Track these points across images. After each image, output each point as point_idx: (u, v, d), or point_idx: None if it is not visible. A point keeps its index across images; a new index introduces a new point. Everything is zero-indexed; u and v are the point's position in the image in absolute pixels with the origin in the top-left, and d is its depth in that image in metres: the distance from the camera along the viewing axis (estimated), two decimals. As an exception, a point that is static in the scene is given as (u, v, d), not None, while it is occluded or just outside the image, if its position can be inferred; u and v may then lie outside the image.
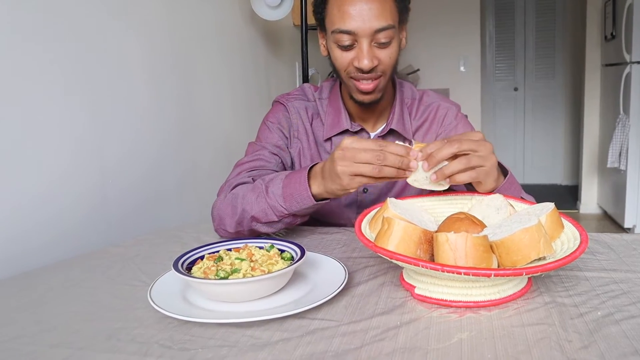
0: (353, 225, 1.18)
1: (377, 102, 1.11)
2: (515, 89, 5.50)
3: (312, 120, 1.20)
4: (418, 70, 4.21)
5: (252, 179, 1.07)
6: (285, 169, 1.17)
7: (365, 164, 0.82)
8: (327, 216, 1.20)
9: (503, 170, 0.98)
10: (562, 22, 5.24)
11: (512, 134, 5.56)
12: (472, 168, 0.82)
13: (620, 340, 0.58)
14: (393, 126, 1.15)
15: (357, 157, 0.82)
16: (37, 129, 1.10)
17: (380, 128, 1.19)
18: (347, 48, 1.04)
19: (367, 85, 1.06)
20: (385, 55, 1.04)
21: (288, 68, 2.78)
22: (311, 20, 2.53)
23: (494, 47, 5.48)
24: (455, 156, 0.82)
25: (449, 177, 0.82)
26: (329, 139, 1.18)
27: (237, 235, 1.04)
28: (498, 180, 0.91)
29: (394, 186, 1.18)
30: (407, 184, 1.17)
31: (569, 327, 0.61)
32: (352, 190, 0.88)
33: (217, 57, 1.97)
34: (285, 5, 2.20)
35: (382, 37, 1.02)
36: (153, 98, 1.53)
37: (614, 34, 3.82)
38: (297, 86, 1.40)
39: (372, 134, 1.18)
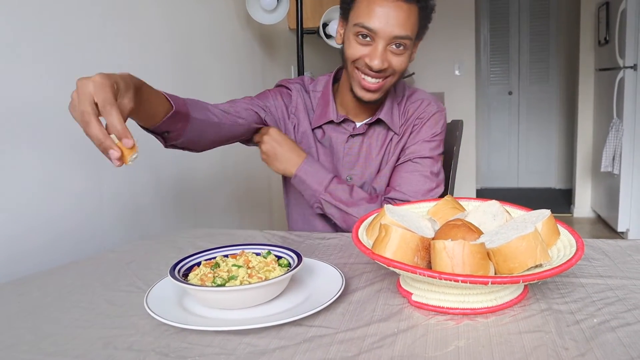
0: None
1: (375, 102, 1.17)
2: (510, 93, 5.53)
3: (305, 107, 1.28)
4: (413, 74, 4.22)
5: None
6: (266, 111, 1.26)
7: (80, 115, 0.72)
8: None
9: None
10: (556, 27, 5.28)
11: (506, 137, 5.59)
12: None
13: (617, 348, 0.58)
14: (381, 116, 1.21)
15: (80, 104, 0.72)
16: (32, 133, 1.09)
17: (367, 120, 1.24)
18: (364, 43, 1.09)
19: (372, 84, 1.12)
20: (397, 62, 1.11)
21: (284, 71, 2.78)
22: (306, 24, 2.54)
23: (488, 52, 5.50)
24: None
25: None
26: (319, 127, 1.26)
27: None
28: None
29: (377, 176, 1.24)
30: (390, 176, 1.23)
31: (566, 335, 0.61)
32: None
33: (213, 60, 1.97)
34: (280, 9, 2.20)
35: (398, 45, 1.09)
36: (149, 102, 1.52)
37: (607, 38, 3.85)
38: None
39: (358, 124, 1.24)
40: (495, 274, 0.68)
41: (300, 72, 2.41)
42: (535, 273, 0.63)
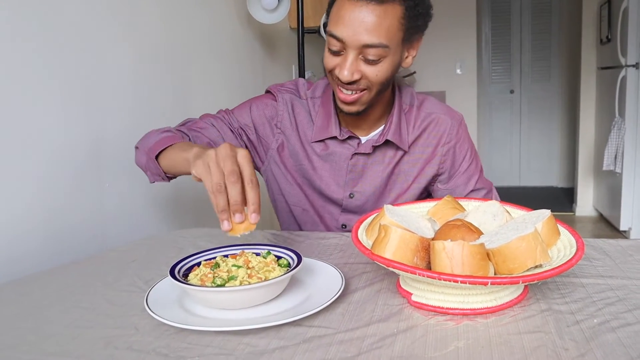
0: (335, 220, 1.21)
1: (358, 113, 1.07)
2: (512, 92, 5.52)
3: (300, 117, 1.18)
4: (414, 72, 4.22)
5: (179, 130, 1.14)
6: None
7: (215, 172, 0.77)
8: (313, 205, 1.21)
9: None
10: (558, 25, 5.27)
11: (508, 136, 5.58)
12: None
13: (617, 349, 0.58)
14: (389, 137, 1.12)
15: (219, 164, 0.77)
16: (33, 133, 1.09)
17: (373, 133, 1.16)
18: (335, 53, 1.00)
19: (346, 95, 1.03)
20: (372, 72, 1.00)
21: (285, 71, 2.78)
22: (307, 23, 2.54)
23: (490, 50, 5.49)
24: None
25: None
26: (322, 140, 1.16)
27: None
28: None
29: (382, 196, 1.18)
30: (396, 197, 1.19)
31: (565, 335, 0.61)
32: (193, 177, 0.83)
33: (213, 60, 1.97)
34: (281, 9, 2.20)
35: (371, 54, 0.97)
36: (149, 102, 1.53)
37: (609, 37, 3.84)
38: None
39: (364, 139, 1.16)
40: (495, 274, 0.68)
41: (302, 71, 2.41)
42: (535, 274, 0.63)
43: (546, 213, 0.76)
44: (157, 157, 1.05)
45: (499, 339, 0.61)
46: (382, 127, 1.16)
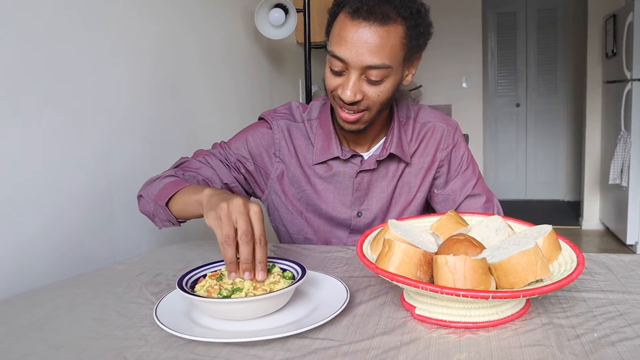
0: (343, 244, 1.19)
1: (359, 131, 1.08)
2: (517, 105, 5.53)
3: (298, 142, 1.17)
4: (421, 86, 4.25)
5: (176, 174, 1.11)
6: (237, 182, 1.17)
7: (226, 225, 0.77)
8: (317, 232, 1.20)
9: None
10: (564, 39, 5.29)
11: (514, 149, 5.58)
12: None
13: (616, 362, 0.59)
14: (392, 150, 1.13)
15: (230, 218, 0.78)
16: (43, 147, 1.12)
17: (374, 148, 1.17)
18: (337, 73, 1.01)
19: (348, 115, 1.04)
20: (374, 92, 1.01)
21: (291, 85, 2.81)
22: (314, 38, 2.57)
23: (496, 64, 5.52)
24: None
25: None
26: (324, 162, 1.15)
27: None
28: None
29: (388, 211, 1.18)
30: (402, 209, 1.20)
31: (566, 349, 0.62)
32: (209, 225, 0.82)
33: (222, 75, 2.00)
34: (288, 24, 2.23)
35: (373, 75, 0.98)
36: (158, 117, 1.55)
37: (614, 51, 3.85)
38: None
39: (366, 155, 1.16)
40: (496, 288, 0.70)
41: (308, 85, 2.44)
42: (535, 288, 0.64)
43: (547, 228, 0.77)
44: (167, 203, 1.04)
45: (501, 352, 0.62)
46: (382, 142, 1.17)
